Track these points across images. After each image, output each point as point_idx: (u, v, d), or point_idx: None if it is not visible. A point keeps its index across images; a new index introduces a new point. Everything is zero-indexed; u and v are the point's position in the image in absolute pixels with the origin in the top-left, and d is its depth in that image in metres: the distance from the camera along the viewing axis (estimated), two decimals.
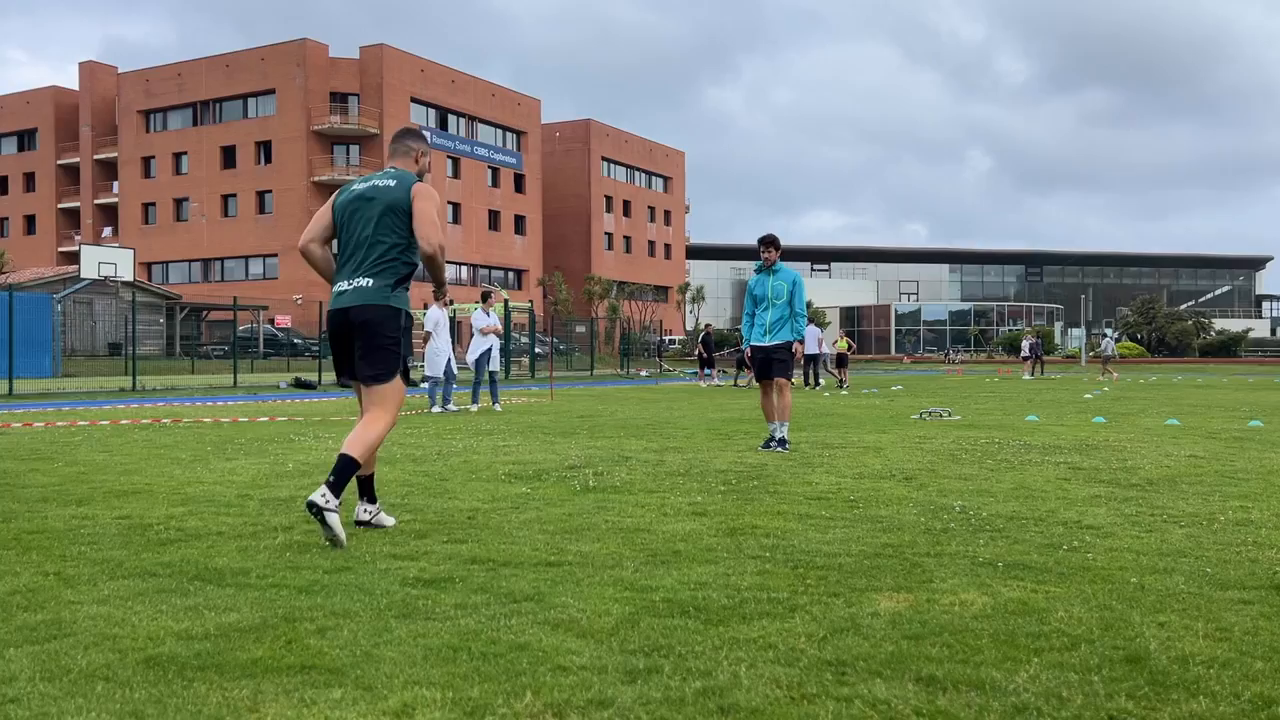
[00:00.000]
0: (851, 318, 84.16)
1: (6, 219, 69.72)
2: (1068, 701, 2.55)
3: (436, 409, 14.41)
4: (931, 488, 6.31)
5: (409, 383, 4.83)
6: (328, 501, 4.33)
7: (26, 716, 2.44)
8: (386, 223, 4.65)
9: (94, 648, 2.98)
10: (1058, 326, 64.86)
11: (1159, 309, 71.86)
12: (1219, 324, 74.94)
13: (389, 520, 4.94)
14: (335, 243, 4.89)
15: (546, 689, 2.63)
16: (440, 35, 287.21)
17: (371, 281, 4.60)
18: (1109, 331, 47.50)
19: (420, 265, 4.83)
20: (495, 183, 65.33)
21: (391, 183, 4.71)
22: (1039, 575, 3.90)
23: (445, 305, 14.87)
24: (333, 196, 4.95)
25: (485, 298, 15.49)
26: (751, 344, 9.09)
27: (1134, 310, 73.03)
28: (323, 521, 4.33)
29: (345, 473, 4.47)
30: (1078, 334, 65.59)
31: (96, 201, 66.25)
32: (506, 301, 31.49)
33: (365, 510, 4.90)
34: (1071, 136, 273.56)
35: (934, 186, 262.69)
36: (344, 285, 4.67)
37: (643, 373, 38.32)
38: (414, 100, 59.50)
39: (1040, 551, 4.35)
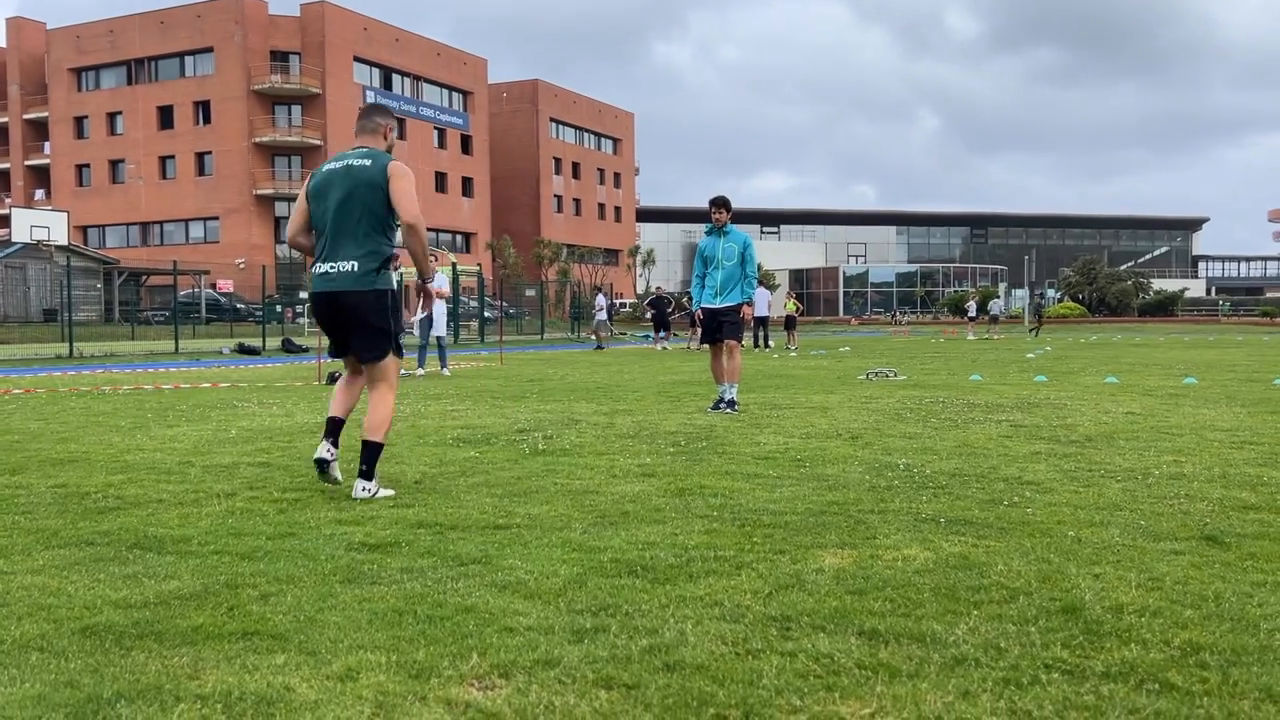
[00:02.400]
0: (801, 280, 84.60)
1: None
2: (1005, 652, 2.61)
3: None
4: (877, 446, 6.40)
5: (400, 354, 5.00)
6: (368, 491, 4.67)
7: None
8: (365, 202, 4.69)
9: (28, 618, 2.92)
10: (1002, 287, 65.85)
11: (1100, 269, 73.00)
12: (1157, 284, 76.38)
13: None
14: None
15: (493, 650, 2.63)
16: None
17: (356, 265, 4.69)
18: (999, 295, 49.13)
19: (399, 244, 4.94)
20: (442, 144, 64.28)
21: (367, 162, 4.75)
22: (980, 530, 3.98)
23: (396, 270, 14.64)
24: (306, 182, 4.97)
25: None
26: (701, 306, 9.11)
27: (1075, 271, 74.15)
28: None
29: (373, 457, 4.75)
30: (1021, 294, 66.77)
31: (27, 163, 64.08)
32: (455, 265, 31.17)
33: (329, 451, 4.82)
34: (1019, 96, 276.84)
35: (882, 147, 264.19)
36: (326, 267, 4.73)
37: (593, 336, 38.23)
38: (357, 59, 58.16)
39: (981, 507, 4.43)
